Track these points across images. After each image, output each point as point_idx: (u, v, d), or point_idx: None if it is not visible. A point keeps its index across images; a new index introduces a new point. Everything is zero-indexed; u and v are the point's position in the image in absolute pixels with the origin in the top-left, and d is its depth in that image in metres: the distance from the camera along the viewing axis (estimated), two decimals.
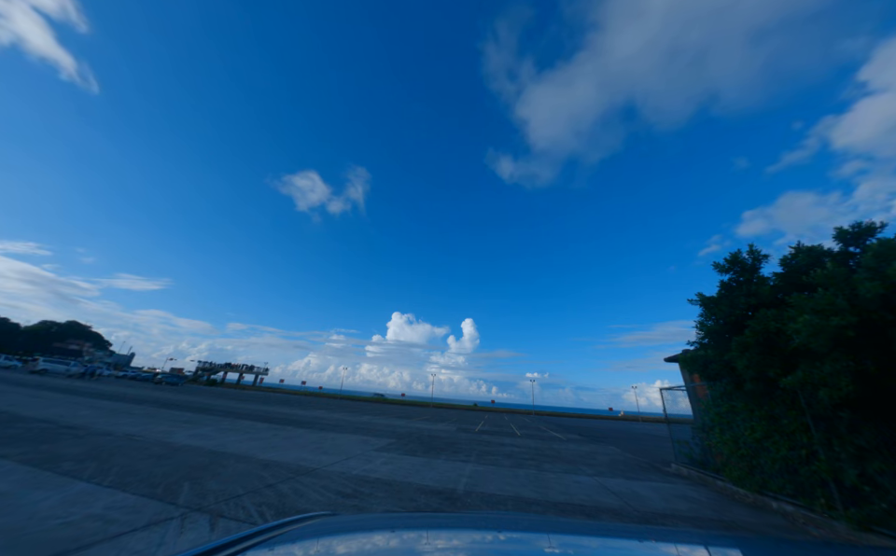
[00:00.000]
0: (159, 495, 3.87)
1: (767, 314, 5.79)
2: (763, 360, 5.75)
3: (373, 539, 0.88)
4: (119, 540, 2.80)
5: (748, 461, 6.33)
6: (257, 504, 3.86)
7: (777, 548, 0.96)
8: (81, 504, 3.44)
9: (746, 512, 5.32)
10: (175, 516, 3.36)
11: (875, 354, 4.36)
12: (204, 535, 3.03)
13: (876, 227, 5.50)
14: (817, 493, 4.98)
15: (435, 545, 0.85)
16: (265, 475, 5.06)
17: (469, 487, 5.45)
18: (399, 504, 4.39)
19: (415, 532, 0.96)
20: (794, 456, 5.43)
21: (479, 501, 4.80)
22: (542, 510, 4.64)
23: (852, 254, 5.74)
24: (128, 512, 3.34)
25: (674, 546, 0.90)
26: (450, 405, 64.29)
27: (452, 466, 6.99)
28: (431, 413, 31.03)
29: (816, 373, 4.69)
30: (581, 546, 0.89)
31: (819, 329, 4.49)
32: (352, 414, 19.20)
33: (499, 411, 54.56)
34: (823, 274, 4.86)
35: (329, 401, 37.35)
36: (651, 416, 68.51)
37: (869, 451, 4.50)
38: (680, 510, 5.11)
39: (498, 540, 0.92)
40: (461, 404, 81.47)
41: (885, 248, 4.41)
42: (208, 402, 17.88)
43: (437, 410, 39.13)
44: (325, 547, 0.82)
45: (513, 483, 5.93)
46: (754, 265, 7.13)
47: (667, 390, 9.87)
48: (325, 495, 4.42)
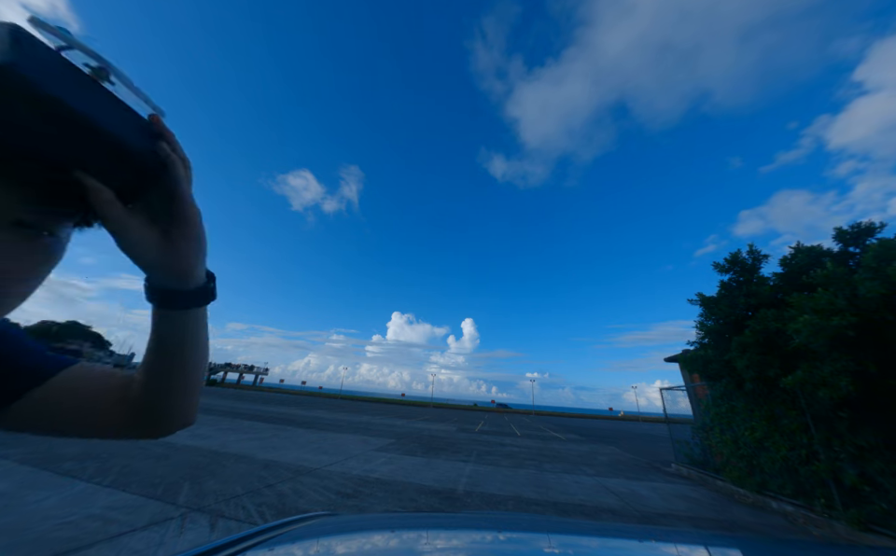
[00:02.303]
0: (158, 495, 3.87)
1: (767, 314, 5.79)
2: (763, 360, 5.76)
3: (373, 539, 0.88)
4: (118, 540, 2.80)
5: (748, 461, 6.33)
6: (257, 504, 3.86)
7: (776, 548, 0.96)
8: (81, 504, 3.44)
9: (746, 512, 5.32)
10: (175, 516, 3.36)
11: (875, 354, 4.36)
12: (204, 535, 3.03)
13: (876, 227, 5.50)
14: (817, 493, 4.98)
15: (435, 545, 0.85)
16: (265, 475, 5.05)
17: (469, 487, 5.45)
18: (399, 504, 4.39)
19: (415, 532, 0.96)
20: (794, 456, 5.43)
21: (479, 501, 4.80)
22: (542, 510, 4.64)
23: (852, 254, 5.74)
24: (128, 512, 3.34)
25: (674, 546, 0.90)
26: (450, 405, 64.32)
27: (452, 466, 6.99)
28: (431, 413, 31.03)
29: (816, 373, 4.70)
30: (581, 546, 0.89)
31: (819, 329, 4.49)
32: (351, 414, 19.20)
33: (499, 411, 54.55)
34: (823, 274, 4.86)
35: (330, 401, 37.36)
36: (651, 416, 68.54)
37: (869, 451, 4.50)
38: (680, 510, 5.11)
39: (498, 540, 0.92)
40: (461, 404, 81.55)
41: (885, 248, 4.41)
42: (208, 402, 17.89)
43: (437, 410, 39.13)
44: (325, 547, 0.82)
45: (513, 483, 5.93)
46: (754, 265, 7.13)
47: (667, 390, 9.87)
48: (325, 495, 4.42)
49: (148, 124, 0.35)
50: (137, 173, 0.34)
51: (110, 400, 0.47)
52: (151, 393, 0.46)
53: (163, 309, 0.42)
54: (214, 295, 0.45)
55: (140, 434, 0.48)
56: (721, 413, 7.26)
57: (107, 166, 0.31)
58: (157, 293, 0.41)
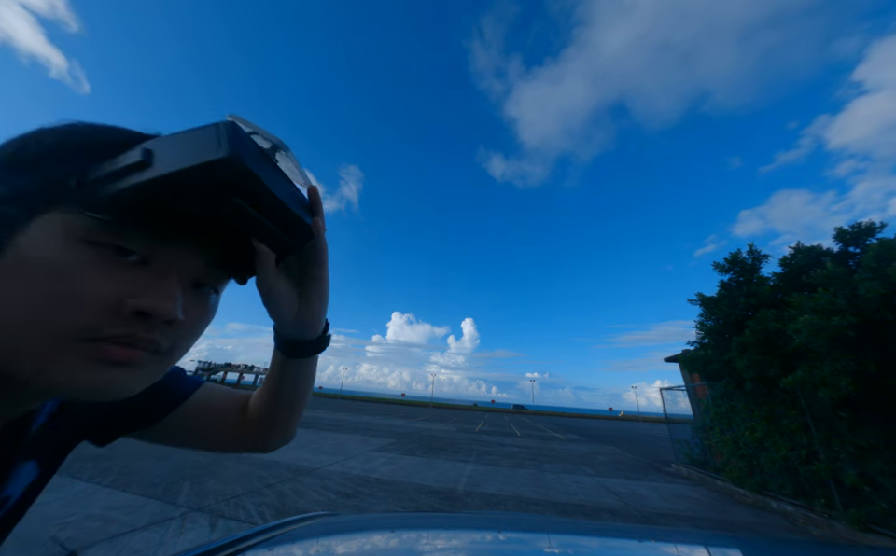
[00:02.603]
0: (159, 495, 3.87)
1: (767, 314, 5.79)
2: (763, 360, 5.76)
3: (373, 539, 0.88)
4: (119, 540, 2.80)
5: (748, 461, 6.33)
6: (257, 504, 3.86)
7: (776, 548, 0.96)
8: (81, 504, 3.44)
9: (746, 512, 5.32)
10: (175, 516, 3.36)
11: (875, 354, 4.36)
12: (204, 535, 3.03)
13: (876, 227, 5.50)
14: (817, 493, 4.98)
15: (435, 545, 0.85)
16: (265, 475, 5.05)
17: (469, 487, 5.45)
18: (399, 504, 4.39)
19: (415, 532, 0.96)
20: (794, 456, 5.43)
21: (479, 501, 4.80)
22: (542, 510, 4.64)
23: (852, 254, 5.74)
24: (128, 512, 3.34)
25: (674, 546, 0.90)
26: (450, 405, 64.30)
27: (452, 466, 6.99)
28: (431, 413, 31.03)
29: (816, 373, 4.70)
30: (581, 546, 0.89)
31: (819, 329, 4.49)
32: (351, 414, 19.20)
33: (499, 412, 54.58)
34: (823, 274, 4.86)
35: (330, 401, 37.36)
36: (651, 416, 68.56)
37: (869, 451, 4.50)
38: (680, 510, 5.11)
39: (498, 540, 0.92)
40: (461, 404, 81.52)
41: (885, 248, 4.41)
42: None
43: (437, 410, 39.13)
44: (325, 547, 0.82)
45: (513, 483, 5.93)
46: (754, 265, 7.14)
47: (667, 390, 9.87)
48: (325, 495, 4.42)
49: (306, 197, 0.40)
50: (297, 241, 0.38)
51: (232, 418, 0.55)
52: (267, 416, 0.54)
53: (291, 357, 0.48)
54: (329, 341, 0.51)
55: (252, 448, 0.56)
56: (720, 413, 7.26)
57: (277, 235, 0.35)
58: (286, 343, 0.47)
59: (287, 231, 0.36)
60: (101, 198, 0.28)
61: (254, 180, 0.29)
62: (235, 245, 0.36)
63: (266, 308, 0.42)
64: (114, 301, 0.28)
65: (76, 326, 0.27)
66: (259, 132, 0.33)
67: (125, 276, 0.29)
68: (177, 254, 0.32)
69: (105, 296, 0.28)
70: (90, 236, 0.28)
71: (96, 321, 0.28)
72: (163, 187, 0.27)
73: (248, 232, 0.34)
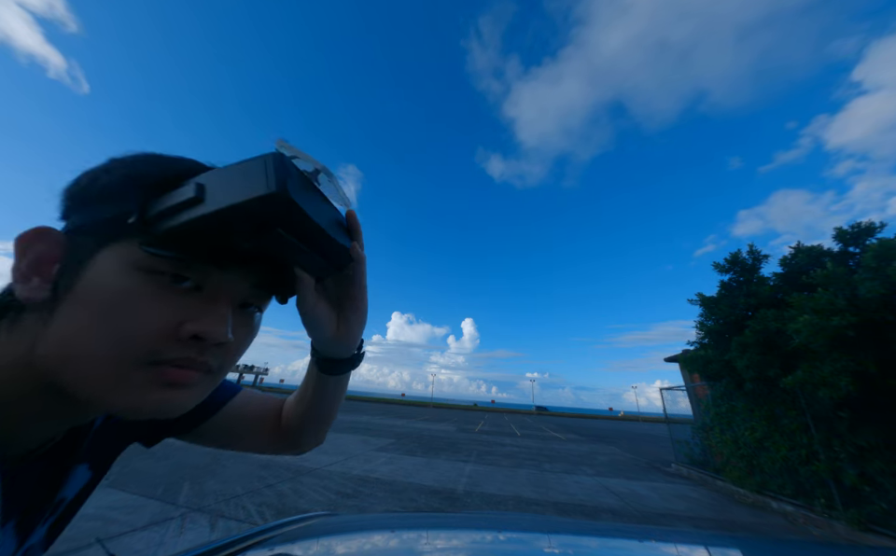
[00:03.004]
0: (158, 495, 3.87)
1: (767, 314, 5.79)
2: (763, 360, 5.76)
3: (373, 539, 0.87)
4: (118, 540, 2.79)
5: (748, 461, 6.33)
6: (257, 504, 3.86)
7: (776, 548, 0.96)
8: None
9: (746, 512, 5.32)
10: (175, 516, 3.36)
11: (875, 354, 4.36)
12: (204, 535, 3.03)
13: (876, 227, 5.50)
14: (817, 493, 4.98)
15: (435, 545, 0.85)
16: (265, 475, 5.05)
17: (469, 487, 5.45)
18: (399, 504, 4.39)
19: (415, 532, 0.96)
20: (794, 456, 5.43)
21: (479, 501, 4.79)
22: (542, 510, 4.64)
23: (852, 254, 5.74)
24: (127, 512, 3.33)
25: (674, 546, 0.90)
26: (450, 405, 64.29)
27: (452, 466, 6.98)
28: (431, 413, 31.03)
29: (816, 373, 4.69)
30: (581, 546, 0.89)
31: (819, 329, 4.49)
32: (351, 414, 19.19)
33: (499, 411, 54.58)
34: (823, 274, 4.86)
35: None
36: (651, 416, 68.55)
37: (869, 451, 4.50)
38: (680, 510, 5.11)
39: (498, 540, 0.92)
40: (461, 404, 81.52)
41: (885, 248, 4.41)
42: None
43: (437, 411, 39.13)
44: (325, 547, 0.82)
45: (513, 483, 5.93)
46: (754, 265, 7.14)
47: (667, 390, 9.87)
48: (325, 495, 4.42)
49: (345, 220, 0.41)
50: (336, 264, 0.40)
51: (267, 423, 0.59)
52: (301, 423, 0.57)
53: (327, 373, 0.50)
54: (363, 358, 0.53)
55: (285, 451, 0.60)
56: (721, 413, 7.26)
57: (317, 261, 0.37)
58: (323, 361, 0.49)
59: (326, 257, 0.37)
60: (159, 233, 0.29)
61: (298, 212, 0.30)
62: (279, 269, 0.38)
63: (305, 327, 0.44)
64: (173, 327, 0.30)
65: (141, 351, 0.29)
66: (300, 156, 0.33)
67: (181, 302, 0.31)
68: (226, 279, 0.34)
69: (166, 322, 0.30)
70: (149, 265, 0.30)
71: (159, 346, 0.30)
72: (214, 223, 0.29)
73: (291, 261, 0.37)
